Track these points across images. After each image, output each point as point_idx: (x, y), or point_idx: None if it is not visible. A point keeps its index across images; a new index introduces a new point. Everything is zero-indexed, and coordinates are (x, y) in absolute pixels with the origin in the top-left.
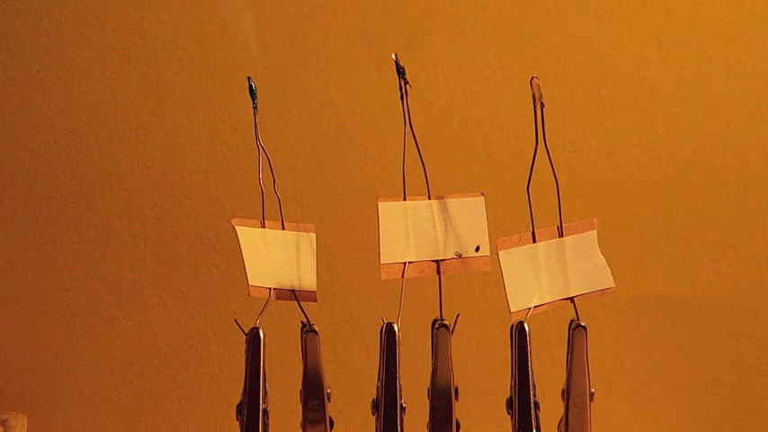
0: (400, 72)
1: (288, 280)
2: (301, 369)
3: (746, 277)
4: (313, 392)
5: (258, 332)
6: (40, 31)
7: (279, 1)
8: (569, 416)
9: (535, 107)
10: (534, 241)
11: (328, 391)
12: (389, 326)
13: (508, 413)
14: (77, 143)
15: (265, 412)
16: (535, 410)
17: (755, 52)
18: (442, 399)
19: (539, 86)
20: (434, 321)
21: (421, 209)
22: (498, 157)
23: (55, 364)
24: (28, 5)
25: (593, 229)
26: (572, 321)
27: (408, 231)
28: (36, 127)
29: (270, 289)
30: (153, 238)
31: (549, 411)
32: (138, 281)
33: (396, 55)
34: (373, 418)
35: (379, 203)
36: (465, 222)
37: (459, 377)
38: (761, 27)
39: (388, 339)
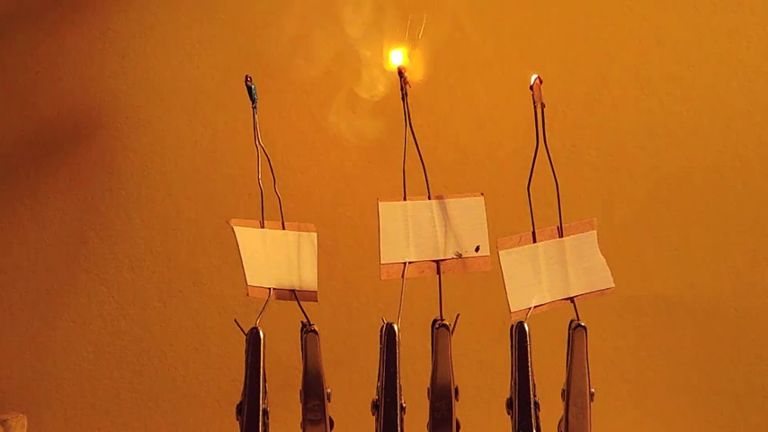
0: (401, 72)
1: (288, 280)
2: (301, 369)
3: (746, 277)
4: (313, 392)
5: (258, 332)
6: (39, 30)
7: (277, 1)
8: (569, 416)
9: (536, 108)
10: (534, 241)
11: (328, 391)
12: (389, 326)
13: (508, 413)
14: (78, 143)
15: (265, 412)
16: (535, 410)
17: (755, 52)
18: (442, 399)
19: (539, 87)
20: (434, 321)
21: (421, 209)
22: (498, 157)
23: (55, 364)
24: (28, 5)
25: (593, 229)
26: (572, 321)
27: (408, 231)
28: (36, 127)
29: (270, 289)
30: (153, 238)
31: (549, 411)
32: (138, 281)
33: (397, 55)
34: (373, 418)
35: (380, 203)
36: (465, 222)
37: (459, 377)
38: (761, 27)
39: (388, 339)
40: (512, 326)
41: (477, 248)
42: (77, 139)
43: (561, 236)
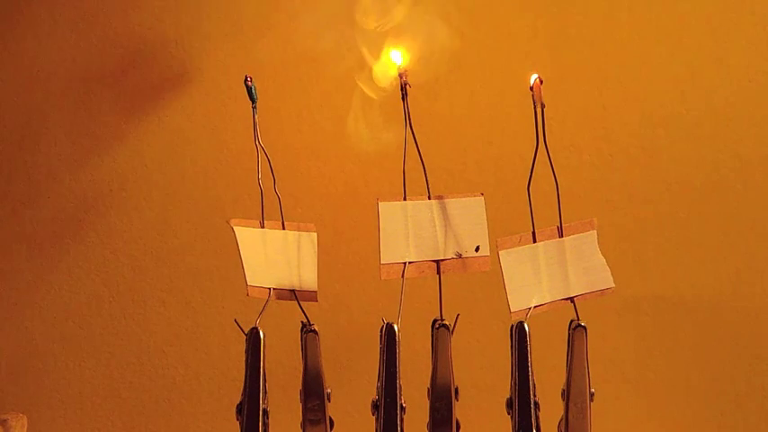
0: (401, 73)
1: (288, 280)
2: (301, 369)
3: (746, 277)
4: (313, 392)
5: (258, 332)
6: (40, 31)
7: (277, 1)
8: (569, 416)
9: (536, 108)
10: (534, 241)
11: (328, 391)
12: (389, 326)
13: (508, 413)
14: (77, 143)
15: (265, 412)
16: (535, 410)
17: (755, 52)
18: (442, 399)
19: (539, 87)
20: (434, 321)
21: (421, 209)
22: (498, 157)
23: (55, 364)
24: (28, 5)
25: (593, 229)
26: (572, 321)
27: (408, 231)
28: (36, 127)
29: (270, 289)
30: (153, 237)
31: (549, 411)
32: (138, 281)
33: (397, 55)
34: (373, 418)
35: (380, 203)
36: (465, 222)
37: (459, 377)
38: (761, 27)
39: (388, 339)
40: (512, 326)
41: (477, 248)
42: (77, 139)
43: (561, 236)
